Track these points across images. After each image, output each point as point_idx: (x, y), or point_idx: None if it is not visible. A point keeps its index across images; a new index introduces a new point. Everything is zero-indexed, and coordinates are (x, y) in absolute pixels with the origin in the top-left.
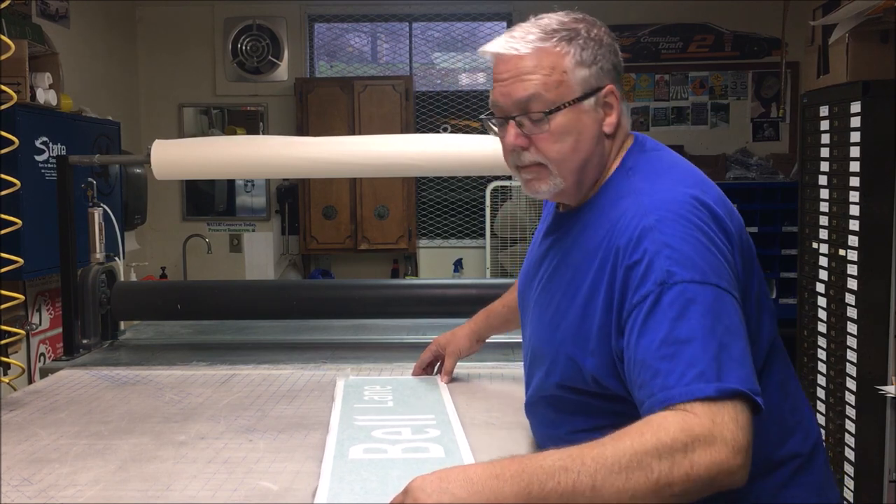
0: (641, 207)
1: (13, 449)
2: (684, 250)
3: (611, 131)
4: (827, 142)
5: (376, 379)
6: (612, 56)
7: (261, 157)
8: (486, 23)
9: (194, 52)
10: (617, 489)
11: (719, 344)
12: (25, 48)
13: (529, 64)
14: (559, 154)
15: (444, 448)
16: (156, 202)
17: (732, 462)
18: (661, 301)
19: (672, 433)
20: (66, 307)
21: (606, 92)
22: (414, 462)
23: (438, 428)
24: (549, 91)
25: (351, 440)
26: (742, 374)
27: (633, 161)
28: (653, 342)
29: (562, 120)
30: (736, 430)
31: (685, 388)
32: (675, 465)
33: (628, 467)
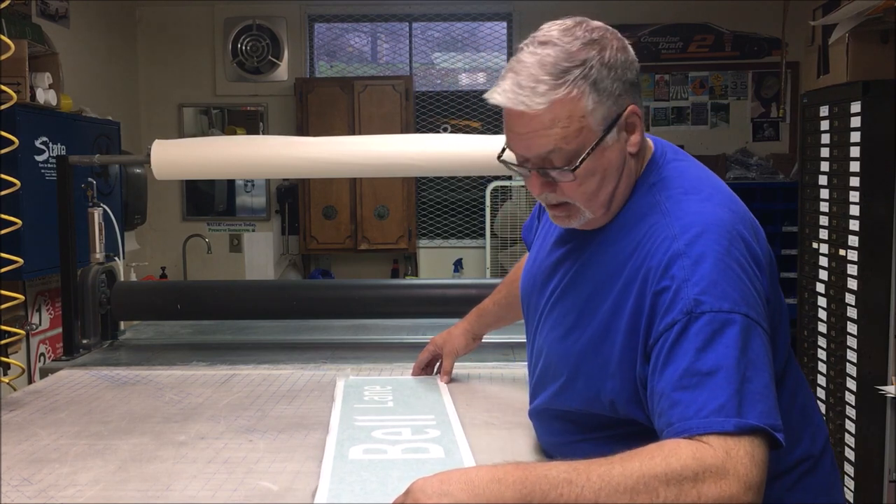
0: (671, 230)
1: (13, 449)
2: (714, 278)
3: (636, 150)
4: (827, 142)
5: (376, 379)
6: (629, 71)
7: (261, 157)
8: (486, 23)
9: (194, 52)
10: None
11: (742, 377)
12: (25, 48)
13: (546, 119)
14: (586, 195)
15: (443, 449)
16: (156, 202)
17: (743, 499)
18: (687, 331)
19: (683, 460)
20: (66, 307)
21: (628, 113)
22: (414, 463)
23: (438, 428)
24: (570, 143)
25: (351, 440)
26: (763, 409)
27: (657, 175)
28: (676, 372)
29: (587, 165)
30: (751, 465)
31: (703, 420)
32: (681, 493)
33: (634, 489)
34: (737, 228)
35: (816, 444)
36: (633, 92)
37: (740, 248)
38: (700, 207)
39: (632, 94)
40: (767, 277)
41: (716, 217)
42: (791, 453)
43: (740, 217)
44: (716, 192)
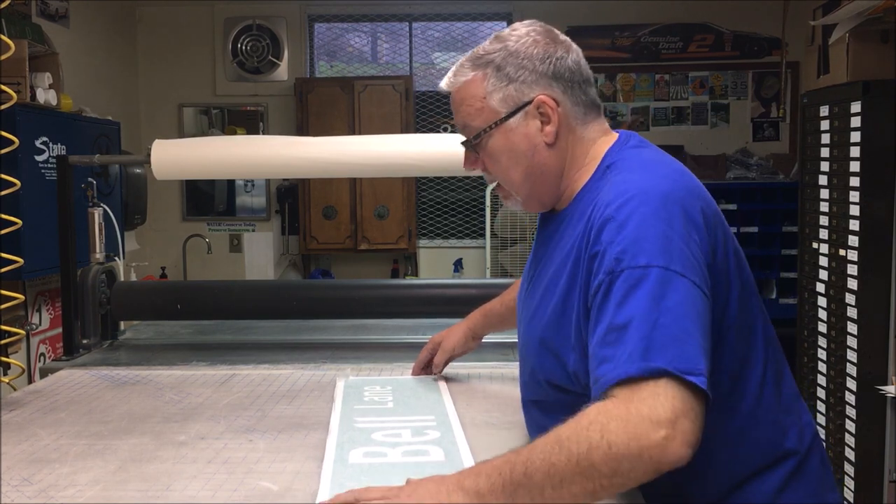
0: (607, 198)
1: (13, 449)
2: (635, 237)
3: (551, 140)
4: (827, 142)
5: (376, 379)
6: (546, 66)
7: (261, 157)
8: (486, 23)
9: (194, 52)
10: (545, 473)
11: (654, 323)
12: (25, 48)
13: (458, 97)
14: (500, 173)
15: (444, 451)
16: (156, 202)
17: (654, 435)
18: (609, 290)
19: (590, 417)
20: (66, 307)
21: (538, 102)
22: (414, 466)
23: (438, 430)
24: (474, 119)
25: (351, 443)
26: (676, 354)
27: (612, 158)
28: (600, 331)
29: (493, 143)
30: (655, 404)
31: (615, 370)
32: (591, 446)
33: (552, 452)
34: (674, 195)
35: (804, 441)
36: (549, 84)
37: (672, 210)
38: (639, 177)
39: (546, 85)
40: (711, 246)
41: (651, 184)
42: (777, 446)
43: (683, 187)
44: (662, 167)
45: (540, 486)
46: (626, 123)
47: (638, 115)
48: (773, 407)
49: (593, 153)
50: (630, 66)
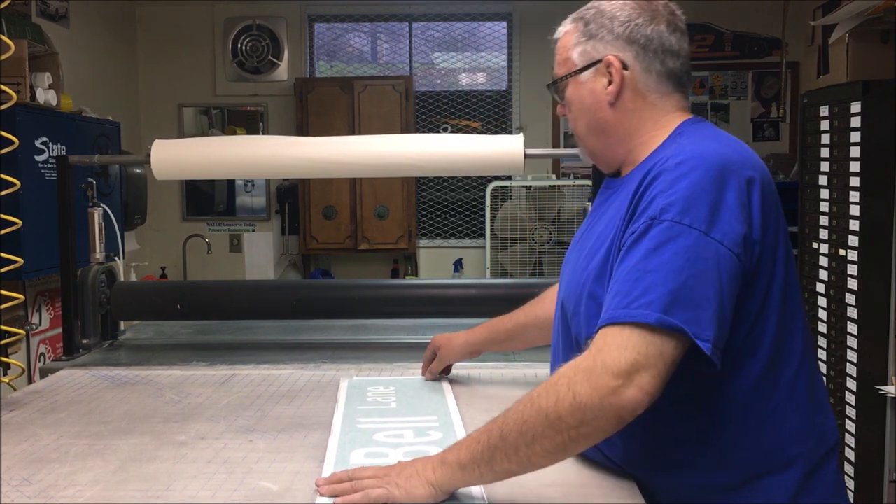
0: (668, 154)
1: (13, 449)
2: (684, 194)
3: (612, 99)
4: (827, 142)
5: (380, 379)
6: (624, 29)
7: (261, 157)
8: (486, 23)
9: (194, 52)
10: (518, 431)
11: (683, 283)
12: (25, 48)
13: (556, 49)
14: (571, 121)
15: None
16: (156, 202)
17: (610, 383)
18: (646, 234)
19: (560, 372)
20: (66, 307)
21: (606, 62)
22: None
23: (441, 430)
24: (559, 68)
25: (353, 444)
26: (693, 317)
27: (684, 129)
28: (626, 268)
29: (568, 93)
30: (622, 353)
31: (632, 310)
32: (559, 398)
33: (524, 409)
34: (733, 166)
35: (827, 444)
36: (623, 47)
37: (728, 179)
38: (704, 144)
39: (620, 48)
40: (761, 225)
41: (714, 150)
42: (802, 443)
43: (746, 160)
44: (731, 140)
45: (514, 446)
46: None
47: None
48: (803, 402)
49: (665, 123)
50: None
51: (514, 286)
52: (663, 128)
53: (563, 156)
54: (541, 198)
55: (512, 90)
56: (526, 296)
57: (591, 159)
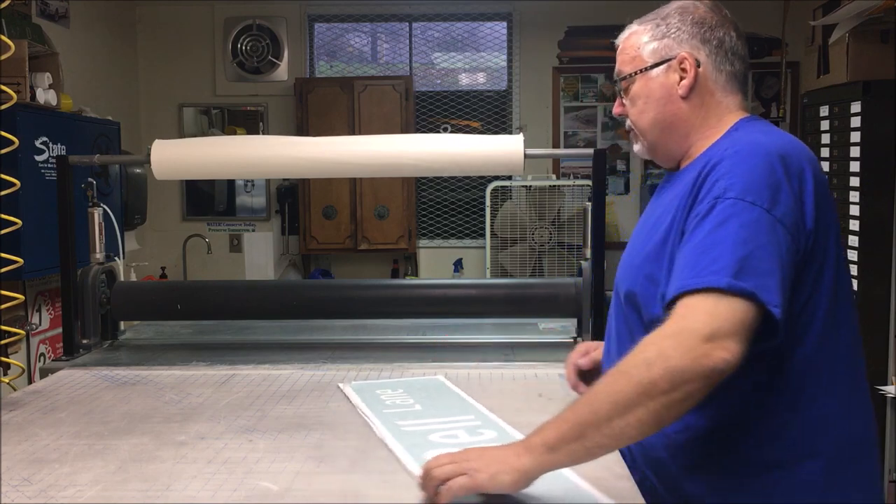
0: (724, 146)
1: (13, 449)
2: (746, 177)
3: (684, 93)
4: (827, 142)
5: (382, 382)
6: (699, 30)
7: (261, 157)
8: (487, 23)
9: (194, 52)
10: (610, 403)
11: (748, 253)
12: (25, 48)
13: (620, 48)
14: (634, 116)
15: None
16: (156, 202)
17: (699, 346)
18: (711, 212)
19: (645, 342)
20: (66, 307)
21: (680, 59)
22: None
23: (491, 429)
24: (626, 66)
25: (419, 447)
26: (759, 282)
27: (741, 125)
28: (692, 243)
29: (635, 87)
30: (707, 319)
31: (701, 278)
32: (651, 364)
33: (614, 381)
34: (790, 156)
35: (870, 438)
36: (697, 46)
37: (784, 167)
38: (761, 136)
39: (694, 46)
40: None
41: (770, 141)
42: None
43: (802, 152)
44: (786, 134)
45: (607, 418)
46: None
47: None
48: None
49: (726, 120)
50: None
51: (514, 286)
52: (724, 124)
53: (563, 156)
54: (541, 198)
55: (512, 90)
56: (526, 296)
57: (649, 153)
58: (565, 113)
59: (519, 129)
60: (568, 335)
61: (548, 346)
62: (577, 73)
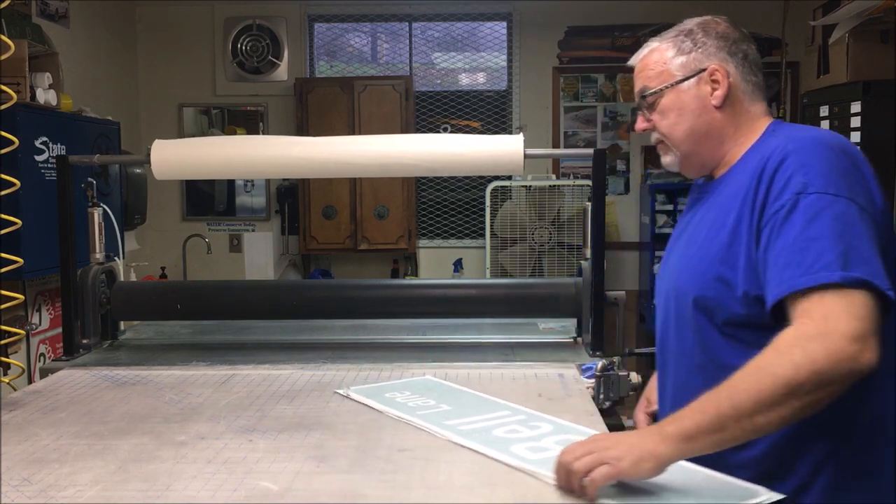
0: (782, 143)
1: (13, 449)
2: (822, 168)
3: (719, 103)
4: None
5: (384, 385)
6: (724, 43)
7: (261, 157)
8: (487, 23)
9: (194, 52)
10: (754, 400)
11: (848, 244)
12: (25, 48)
13: (641, 65)
14: (666, 128)
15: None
16: (156, 202)
17: (849, 349)
18: (796, 207)
19: (788, 341)
20: (66, 307)
21: (711, 70)
22: None
23: (539, 421)
24: (652, 81)
25: (501, 442)
26: (868, 270)
27: (776, 127)
28: (787, 241)
29: (665, 101)
30: (850, 320)
31: (812, 276)
32: (797, 365)
33: (757, 379)
34: (849, 147)
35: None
36: (725, 59)
37: (849, 157)
38: (808, 131)
39: (722, 59)
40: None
41: (825, 135)
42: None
43: (846, 140)
44: (819, 127)
45: (749, 414)
46: (626, 123)
47: None
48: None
49: (757, 126)
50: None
51: (514, 286)
52: (756, 130)
53: (563, 156)
54: (541, 198)
55: (512, 90)
56: (526, 296)
57: (681, 164)
58: (565, 113)
59: (519, 129)
60: (568, 335)
61: (548, 346)
62: (577, 73)
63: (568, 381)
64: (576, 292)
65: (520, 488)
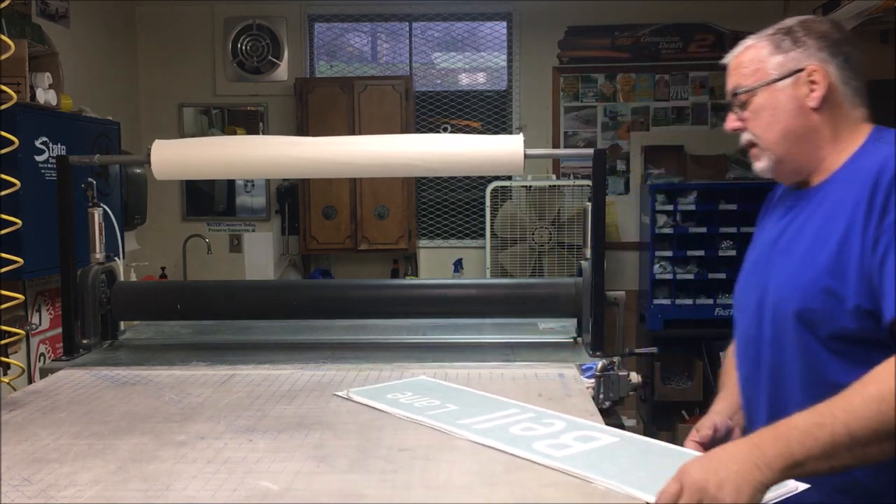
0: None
1: (13, 449)
2: None
3: (816, 104)
4: None
5: (383, 386)
6: (825, 43)
7: (261, 157)
8: (487, 23)
9: (194, 52)
10: (874, 430)
11: None
12: (25, 48)
13: (735, 62)
14: (759, 129)
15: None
16: (156, 202)
17: None
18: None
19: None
20: (66, 307)
21: (809, 71)
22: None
23: (560, 420)
24: (746, 79)
25: (519, 440)
26: None
27: (881, 134)
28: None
29: (758, 100)
30: None
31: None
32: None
33: (879, 410)
34: None
35: None
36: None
37: None
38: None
39: (822, 59)
40: None
41: None
42: None
43: None
44: None
45: (864, 444)
46: (626, 123)
47: (638, 115)
48: None
49: (857, 132)
50: (630, 66)
51: (514, 286)
52: (857, 136)
53: (563, 156)
54: (541, 198)
55: (512, 90)
56: (526, 296)
57: (774, 169)
58: (565, 113)
59: (519, 129)
60: (568, 335)
61: (548, 346)
62: (577, 73)
63: (568, 381)
64: (576, 292)
65: (520, 488)
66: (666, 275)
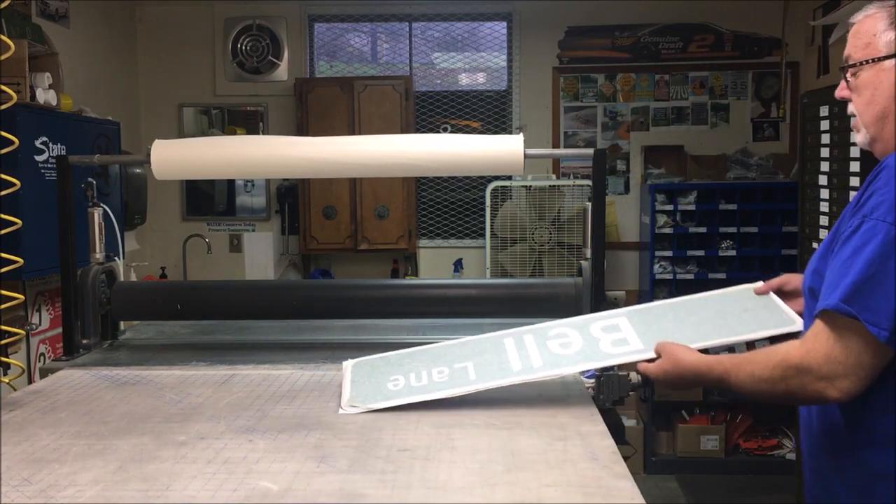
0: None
1: (13, 449)
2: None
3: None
4: (827, 142)
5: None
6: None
7: (261, 157)
8: (486, 23)
9: (194, 52)
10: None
11: (871, 276)
12: (25, 48)
13: (854, 30)
14: (860, 107)
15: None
16: (156, 202)
17: (817, 385)
18: (857, 230)
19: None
20: (66, 307)
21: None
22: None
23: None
24: (857, 52)
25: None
26: (873, 307)
27: None
28: (837, 262)
29: (863, 77)
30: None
31: (825, 300)
32: (775, 384)
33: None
34: None
35: None
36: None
37: None
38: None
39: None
40: None
41: None
42: None
43: None
44: None
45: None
46: (626, 123)
47: (638, 115)
48: None
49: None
50: (630, 66)
51: (514, 286)
52: None
53: (563, 156)
54: (541, 198)
55: (512, 90)
56: (526, 296)
57: (868, 146)
58: (565, 113)
59: (519, 129)
60: None
61: None
62: (577, 73)
63: (568, 381)
64: (576, 292)
65: (520, 488)
66: (666, 275)
